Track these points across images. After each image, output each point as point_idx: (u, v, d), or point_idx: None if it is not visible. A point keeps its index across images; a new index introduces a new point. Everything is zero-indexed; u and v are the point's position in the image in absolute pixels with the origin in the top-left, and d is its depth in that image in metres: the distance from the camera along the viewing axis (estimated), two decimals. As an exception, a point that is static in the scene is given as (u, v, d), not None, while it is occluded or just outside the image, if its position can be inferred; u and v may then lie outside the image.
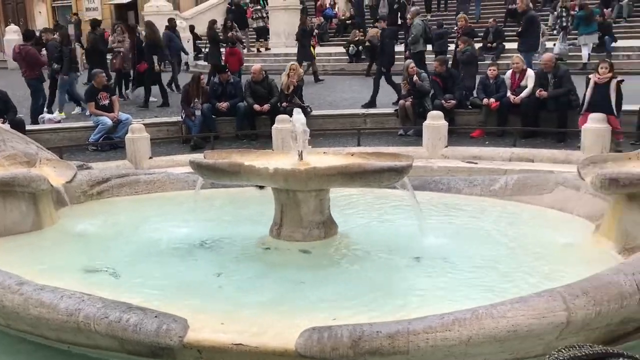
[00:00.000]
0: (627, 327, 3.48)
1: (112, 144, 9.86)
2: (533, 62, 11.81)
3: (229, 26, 16.64)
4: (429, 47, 13.85)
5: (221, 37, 15.89)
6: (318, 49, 19.46)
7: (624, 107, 8.77)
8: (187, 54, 16.60)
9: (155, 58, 13.48)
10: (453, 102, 9.78)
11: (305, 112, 10.12)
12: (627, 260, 3.73)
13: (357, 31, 19.19)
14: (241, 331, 3.32)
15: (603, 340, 3.43)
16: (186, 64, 16.72)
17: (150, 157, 8.85)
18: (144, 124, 9.42)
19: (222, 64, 13.34)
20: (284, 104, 10.21)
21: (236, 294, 4.09)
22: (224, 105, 10.32)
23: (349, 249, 4.78)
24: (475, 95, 10.04)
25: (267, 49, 21.18)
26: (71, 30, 23.14)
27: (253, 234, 5.11)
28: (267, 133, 9.46)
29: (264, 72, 10.53)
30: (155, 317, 3.30)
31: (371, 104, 11.76)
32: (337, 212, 5.19)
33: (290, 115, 5.62)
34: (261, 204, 5.49)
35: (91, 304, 3.44)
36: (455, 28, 15.02)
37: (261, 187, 5.68)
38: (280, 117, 9.01)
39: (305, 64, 15.84)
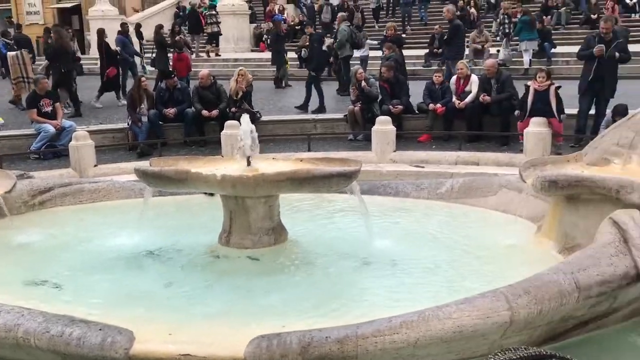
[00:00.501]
0: (567, 324, 3.60)
1: (55, 152, 9.56)
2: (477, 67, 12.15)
3: (177, 31, 16.44)
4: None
5: (169, 42, 15.66)
6: (267, 54, 19.41)
7: (565, 110, 9.12)
8: (141, 57, 16.21)
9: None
10: (400, 107, 9.94)
11: (255, 117, 10.12)
12: (566, 259, 3.87)
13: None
14: (190, 341, 3.27)
15: (545, 337, 3.55)
16: (143, 67, 16.32)
17: (95, 165, 8.62)
18: (89, 131, 9.19)
19: (169, 69, 13.13)
20: (233, 109, 10.14)
21: (185, 303, 4.03)
22: (171, 111, 10.17)
23: (299, 255, 4.79)
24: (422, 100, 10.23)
25: (217, 54, 21.02)
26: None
27: (202, 242, 5.05)
28: (216, 139, 9.37)
29: (212, 78, 10.44)
30: (100, 329, 3.21)
31: (303, 107, 12.12)
32: (287, 218, 5.19)
33: (239, 120, 5.59)
34: (210, 211, 5.44)
35: (31, 319, 3.32)
36: (384, 35, 15.20)
37: (210, 195, 5.62)
38: (229, 122, 8.94)
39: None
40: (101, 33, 14.36)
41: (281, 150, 9.44)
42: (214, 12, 21.30)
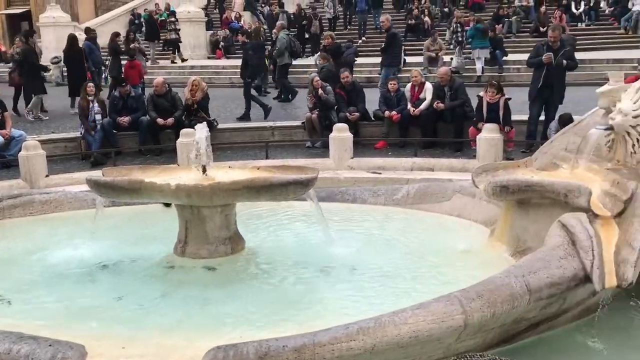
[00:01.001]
0: (520, 326, 3.69)
1: (3, 162, 9.25)
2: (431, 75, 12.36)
3: (132, 38, 16.19)
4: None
5: (123, 50, 15.40)
6: (224, 61, 19.35)
7: (515, 117, 9.36)
8: (106, 66, 15.84)
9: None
10: (357, 114, 10.02)
11: (211, 125, 10.04)
12: (517, 262, 3.96)
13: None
14: (144, 355, 3.22)
15: (498, 340, 3.63)
16: (106, 78, 15.92)
17: (47, 176, 8.38)
18: (40, 141, 8.93)
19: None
20: (189, 117, 10.04)
21: (139, 316, 3.96)
22: (125, 119, 9.99)
23: (256, 264, 4.76)
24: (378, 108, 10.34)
25: (183, 60, 20.79)
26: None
27: (157, 253, 4.98)
28: (172, 147, 9.25)
29: (167, 85, 10.30)
30: (50, 345, 3.12)
31: (244, 117, 12.07)
32: (244, 226, 5.16)
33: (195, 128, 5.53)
34: (165, 221, 5.36)
35: (-23, 336, 3.20)
36: (322, 45, 15.29)
37: (167, 205, 5.54)
38: (184, 130, 8.83)
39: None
40: (73, 39, 14.04)
41: (239, 158, 9.38)
42: (173, 19, 21.10)
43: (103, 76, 15.68)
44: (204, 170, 4.69)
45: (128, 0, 27.43)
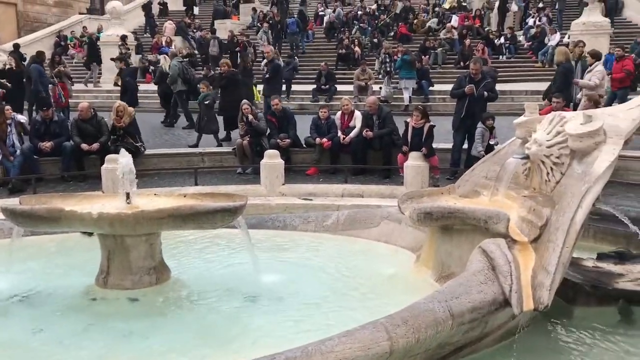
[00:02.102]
0: (444, 351, 3.77)
1: None
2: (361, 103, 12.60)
3: (57, 61, 15.69)
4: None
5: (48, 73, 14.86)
6: (153, 86, 18.98)
7: (441, 145, 9.69)
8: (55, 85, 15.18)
9: None
10: (288, 141, 10.07)
11: (138, 151, 9.82)
12: (440, 288, 4.06)
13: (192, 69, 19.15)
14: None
15: (424, 364, 3.69)
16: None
17: (-41, 203, 7.91)
18: (-48, 167, 8.45)
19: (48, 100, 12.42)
20: (115, 143, 9.77)
21: (57, 350, 3.78)
22: (47, 144, 9.60)
23: (182, 294, 4.65)
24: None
25: (116, 84, 20.32)
26: None
27: (78, 284, 4.78)
28: (96, 174, 8.96)
29: (92, 110, 10.01)
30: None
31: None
32: (170, 255, 5.04)
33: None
34: (87, 250, 5.16)
35: None
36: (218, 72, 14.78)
37: (89, 234, 5.34)
38: (110, 156, 8.59)
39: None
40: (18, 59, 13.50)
41: (166, 185, 9.21)
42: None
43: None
44: (128, 198, 4.56)
45: (52, 22, 26.62)
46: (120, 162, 4.58)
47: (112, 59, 14.44)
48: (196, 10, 29.85)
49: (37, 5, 26.76)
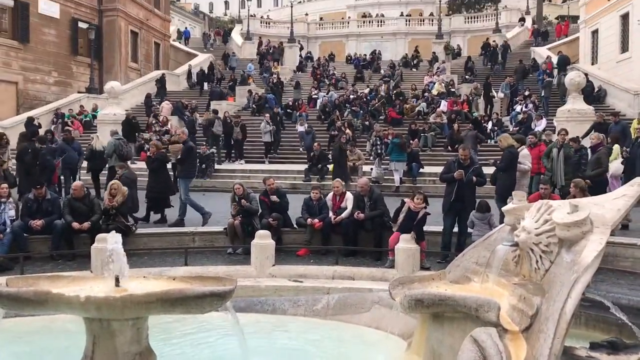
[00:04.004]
0: None
1: None
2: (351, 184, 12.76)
3: (50, 139, 15.89)
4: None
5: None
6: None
7: (431, 227, 9.74)
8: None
9: None
10: (276, 221, 10.10)
11: (129, 230, 9.81)
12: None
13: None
14: None
15: None
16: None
17: (-57, 282, 7.78)
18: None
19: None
20: (107, 222, 9.77)
21: None
22: (38, 223, 9.57)
23: (167, 381, 4.53)
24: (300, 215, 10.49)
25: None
26: None
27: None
28: (86, 253, 8.90)
29: (85, 189, 10.07)
30: None
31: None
32: (156, 339, 4.93)
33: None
34: (70, 334, 5.05)
35: None
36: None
37: None
38: (100, 236, 8.55)
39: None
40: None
41: (157, 264, 9.14)
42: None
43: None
44: (117, 282, 4.52)
45: (51, 100, 27.17)
46: (110, 245, 4.57)
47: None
48: (206, 86, 30.92)
49: (37, 84, 27.39)
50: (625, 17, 26.17)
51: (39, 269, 8.85)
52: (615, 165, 12.14)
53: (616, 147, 12.84)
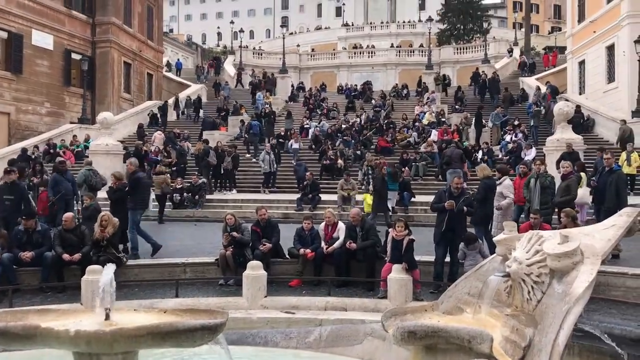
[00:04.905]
0: None
1: None
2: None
3: (38, 170, 15.87)
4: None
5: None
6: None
7: (424, 257, 9.73)
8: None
9: None
10: (269, 245, 10.07)
11: (120, 261, 9.73)
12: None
13: (179, 179, 19.55)
14: None
15: None
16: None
17: None
18: None
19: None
20: (98, 253, 9.70)
21: None
22: (27, 255, 9.48)
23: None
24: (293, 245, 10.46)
25: None
26: None
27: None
28: (77, 284, 8.80)
29: (76, 220, 10.01)
30: None
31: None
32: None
33: (104, 265, 5.37)
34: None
35: None
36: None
37: None
38: (90, 267, 8.49)
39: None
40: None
41: (148, 296, 9.05)
42: None
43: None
44: (107, 315, 4.48)
45: (44, 130, 27.18)
46: (102, 280, 4.54)
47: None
48: (201, 113, 31.31)
49: (29, 115, 27.43)
50: (611, 49, 26.70)
51: (28, 301, 8.74)
52: (581, 193, 12.40)
53: (583, 176, 13.16)
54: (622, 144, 20.50)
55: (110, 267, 4.80)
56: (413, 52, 48.62)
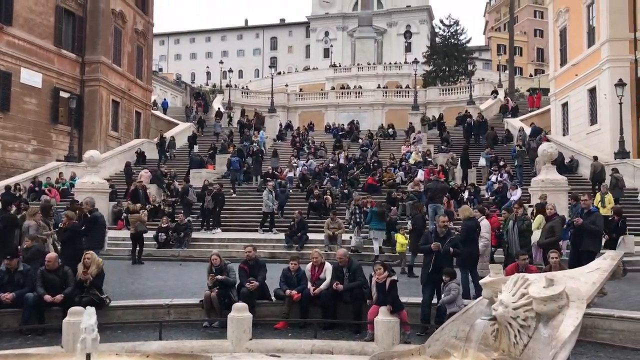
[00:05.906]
0: None
1: None
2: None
3: (24, 208, 15.70)
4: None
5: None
6: (124, 232, 18.97)
7: (411, 299, 9.67)
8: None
9: None
10: (256, 283, 9.96)
11: (103, 303, 9.57)
12: None
13: (165, 218, 19.46)
14: None
15: None
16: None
17: None
18: None
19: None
20: (81, 295, 9.53)
21: None
22: (7, 296, 9.28)
23: None
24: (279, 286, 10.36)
25: None
26: None
27: None
28: (57, 327, 8.61)
29: (59, 261, 9.87)
30: None
31: None
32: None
33: (86, 306, 5.28)
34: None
35: None
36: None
37: None
38: (73, 309, 8.30)
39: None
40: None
41: (130, 338, 8.86)
42: None
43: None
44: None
45: (29, 168, 27.04)
46: (84, 323, 4.47)
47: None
48: (196, 148, 31.50)
49: (15, 152, 27.32)
50: (592, 91, 27.31)
51: (7, 344, 8.51)
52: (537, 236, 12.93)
53: (539, 217, 13.48)
54: (594, 181, 21.16)
55: (91, 311, 4.72)
56: (400, 92, 49.36)
